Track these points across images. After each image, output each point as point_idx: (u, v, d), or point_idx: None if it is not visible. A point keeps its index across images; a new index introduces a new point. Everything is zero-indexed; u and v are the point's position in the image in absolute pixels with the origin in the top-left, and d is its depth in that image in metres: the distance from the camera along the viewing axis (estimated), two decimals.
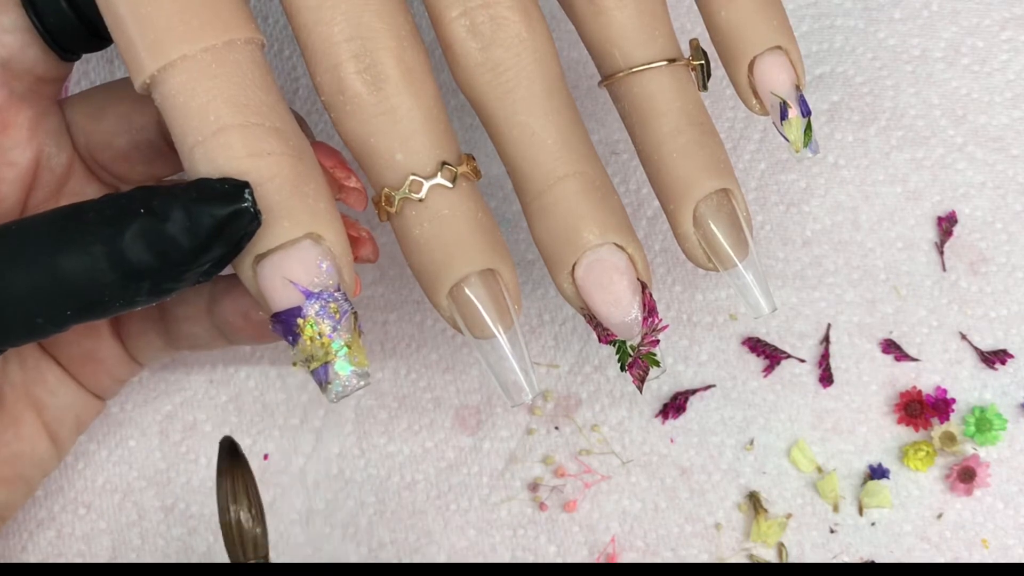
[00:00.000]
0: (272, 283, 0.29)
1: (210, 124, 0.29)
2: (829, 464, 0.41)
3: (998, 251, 0.42)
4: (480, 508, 0.41)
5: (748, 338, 0.42)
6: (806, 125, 0.34)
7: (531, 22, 0.31)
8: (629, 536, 0.40)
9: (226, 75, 0.29)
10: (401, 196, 0.31)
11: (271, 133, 0.29)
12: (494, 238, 0.32)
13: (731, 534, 0.40)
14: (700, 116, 0.33)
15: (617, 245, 0.32)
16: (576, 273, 0.32)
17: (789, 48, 0.34)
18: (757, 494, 0.41)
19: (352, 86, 0.30)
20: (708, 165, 0.33)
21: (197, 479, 0.41)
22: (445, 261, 0.31)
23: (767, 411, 0.41)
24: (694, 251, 0.33)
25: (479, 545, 0.40)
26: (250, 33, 0.30)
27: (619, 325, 0.32)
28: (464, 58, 0.31)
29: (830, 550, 0.40)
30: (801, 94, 0.34)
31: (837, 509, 0.40)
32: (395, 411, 0.42)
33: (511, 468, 0.41)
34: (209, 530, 0.41)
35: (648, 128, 0.33)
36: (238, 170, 0.28)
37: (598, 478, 0.41)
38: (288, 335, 0.29)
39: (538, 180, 0.32)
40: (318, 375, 0.29)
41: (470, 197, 0.31)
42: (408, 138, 0.30)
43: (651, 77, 0.33)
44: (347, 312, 0.29)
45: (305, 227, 0.29)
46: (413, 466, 0.41)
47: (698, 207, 0.33)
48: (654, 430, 0.41)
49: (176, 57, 0.29)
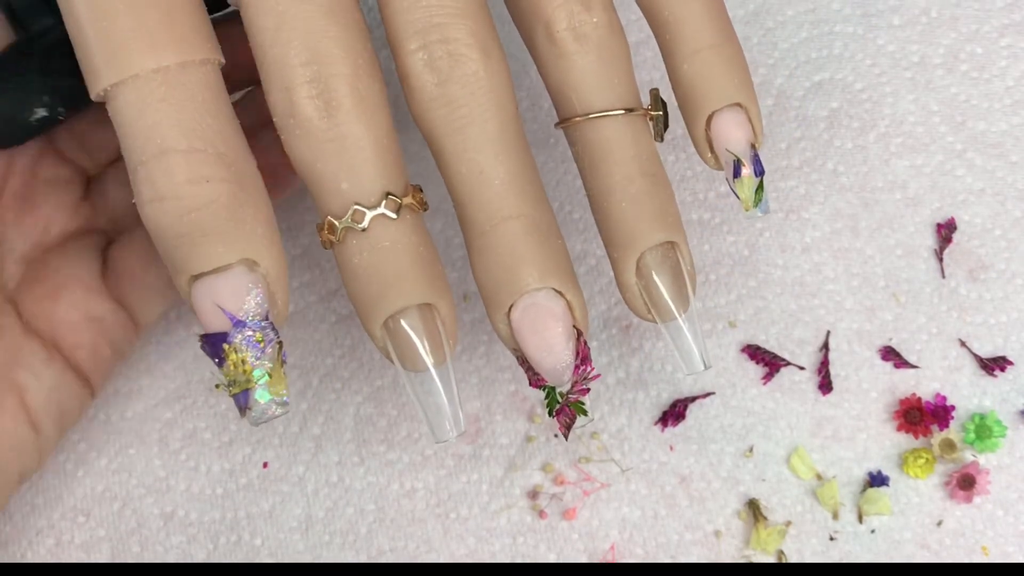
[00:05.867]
0: (202, 305, 0.29)
1: (154, 146, 0.29)
2: (829, 471, 0.41)
3: (997, 258, 0.42)
4: (480, 516, 0.41)
5: (747, 345, 0.42)
6: (758, 184, 0.34)
7: (489, 60, 0.31)
8: (629, 544, 0.40)
9: (175, 98, 0.29)
10: (344, 225, 0.31)
11: (213, 159, 0.29)
12: (434, 272, 0.31)
13: (731, 541, 0.40)
14: (653, 167, 0.33)
15: (556, 291, 0.31)
16: (512, 315, 0.31)
17: (749, 106, 0.34)
18: (757, 501, 0.41)
19: (303, 110, 0.30)
20: (656, 216, 0.32)
21: (196, 487, 0.41)
22: (381, 292, 0.31)
23: (766, 418, 0.41)
24: (634, 301, 0.33)
25: (479, 553, 0.40)
26: (206, 54, 0.30)
27: (550, 371, 0.32)
28: (419, 92, 0.31)
29: (830, 557, 0.40)
30: (756, 153, 0.34)
31: (837, 516, 0.40)
32: (394, 419, 0.42)
33: (510, 476, 0.41)
34: (208, 538, 0.41)
35: (599, 174, 0.33)
36: (175, 195, 0.29)
37: (597, 486, 0.41)
38: (214, 357, 0.29)
39: (482, 219, 0.31)
40: (238, 400, 0.29)
41: (413, 230, 0.31)
42: (355, 167, 0.30)
43: (606, 124, 0.32)
44: (272, 341, 0.29)
45: (239, 253, 0.29)
46: (412, 474, 0.41)
47: (642, 257, 0.33)
48: (653, 437, 0.41)
49: (128, 76, 0.29)
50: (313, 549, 0.40)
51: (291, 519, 0.41)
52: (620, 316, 0.43)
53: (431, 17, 0.31)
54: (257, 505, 0.41)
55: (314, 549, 0.40)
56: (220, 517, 0.41)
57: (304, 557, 0.40)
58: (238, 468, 0.41)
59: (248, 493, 0.41)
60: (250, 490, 0.41)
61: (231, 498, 0.41)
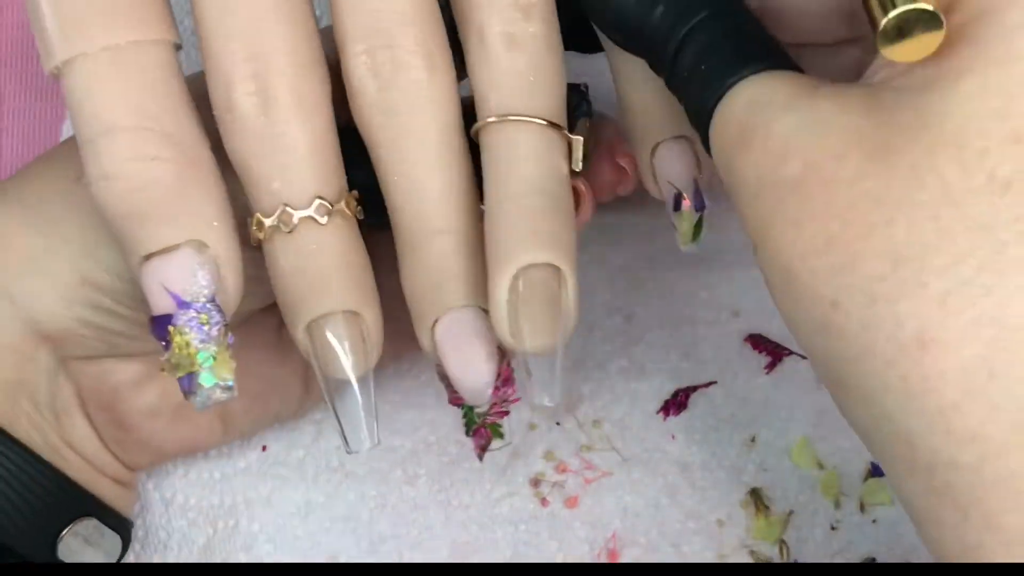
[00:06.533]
0: (150, 286, 0.29)
1: (101, 124, 0.29)
2: (831, 461, 0.41)
3: None
4: (482, 503, 0.41)
5: (751, 335, 0.42)
6: (698, 219, 0.33)
7: (433, 69, 0.30)
8: (631, 532, 0.40)
9: (124, 77, 0.29)
10: (271, 224, 0.30)
11: (161, 138, 0.29)
12: (361, 279, 0.31)
13: (733, 531, 0.40)
14: (555, 187, 0.31)
15: (483, 310, 0.31)
16: (435, 330, 0.31)
17: (695, 139, 0.33)
18: (759, 491, 0.41)
19: (241, 106, 0.30)
20: (543, 235, 0.30)
21: (195, 471, 0.41)
22: (304, 297, 0.30)
23: (769, 408, 0.41)
24: (498, 319, 0.30)
25: (480, 540, 0.40)
26: (160, 34, 0.30)
27: (469, 390, 0.31)
28: (360, 96, 0.31)
29: (831, 547, 0.40)
30: (698, 187, 0.33)
31: (839, 506, 0.40)
32: (398, 405, 0.41)
33: (513, 464, 0.41)
34: (208, 522, 0.40)
35: (500, 181, 0.31)
36: (120, 173, 0.29)
37: (599, 474, 0.41)
38: (160, 340, 0.29)
39: (415, 232, 0.31)
40: (183, 384, 0.29)
41: (343, 235, 0.31)
42: (287, 167, 0.30)
43: (517, 129, 0.31)
44: (218, 324, 0.29)
45: (186, 234, 0.29)
46: (415, 460, 0.41)
47: (518, 276, 0.30)
48: (656, 426, 0.41)
49: (78, 53, 0.29)
50: (313, 534, 0.40)
51: (290, 504, 0.40)
52: (622, 306, 0.43)
53: (378, 22, 0.30)
54: (255, 490, 0.41)
55: (314, 535, 0.40)
56: (219, 502, 0.41)
57: (303, 543, 0.40)
58: (236, 452, 0.41)
59: (247, 477, 0.41)
60: (248, 474, 0.41)
61: (229, 482, 0.41)
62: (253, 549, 0.40)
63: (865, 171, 0.24)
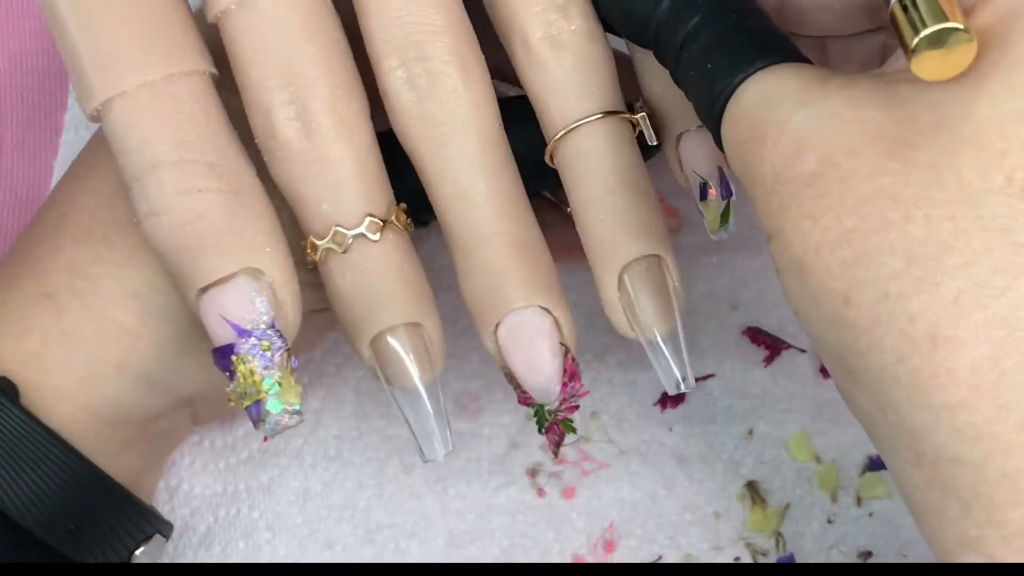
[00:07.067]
0: (209, 318, 0.29)
1: (145, 161, 0.29)
2: (828, 454, 0.41)
3: None
4: (479, 493, 0.41)
5: (749, 328, 0.42)
6: (725, 207, 0.34)
7: (469, 77, 0.31)
8: (627, 524, 0.40)
9: (162, 111, 0.29)
10: (325, 246, 0.31)
11: (205, 169, 0.29)
12: (419, 291, 0.32)
13: (729, 523, 0.40)
14: (635, 177, 0.32)
15: (543, 308, 0.31)
16: (498, 333, 0.31)
17: None
18: (756, 484, 0.40)
19: (283, 133, 0.30)
20: (637, 229, 0.31)
21: (200, 460, 0.42)
22: (365, 314, 0.31)
23: (767, 401, 0.41)
24: (617, 317, 0.32)
25: (477, 530, 0.40)
26: (194, 65, 0.30)
27: (537, 389, 0.32)
28: (399, 110, 0.31)
29: (828, 540, 0.40)
30: (723, 175, 0.34)
31: (835, 499, 0.40)
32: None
33: (511, 454, 0.41)
34: (209, 510, 0.41)
35: (580, 187, 0.32)
36: (168, 208, 0.29)
37: (597, 466, 0.41)
38: (225, 370, 0.29)
39: (466, 238, 0.31)
40: (251, 412, 0.29)
41: (396, 250, 0.31)
42: (335, 188, 0.31)
43: (584, 134, 0.32)
44: (280, 349, 0.29)
45: (240, 262, 0.29)
46: (413, 449, 0.41)
47: (623, 272, 0.31)
48: (653, 419, 0.41)
49: (116, 93, 0.29)
50: (310, 522, 0.41)
51: (288, 492, 0.41)
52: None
53: (410, 35, 0.31)
54: (256, 478, 0.41)
55: (311, 522, 0.41)
56: (222, 490, 0.41)
57: (301, 530, 0.41)
58: (240, 442, 0.42)
59: (248, 466, 0.41)
60: (250, 463, 0.41)
61: (232, 471, 0.41)
62: (252, 537, 0.40)
63: (882, 167, 0.25)
